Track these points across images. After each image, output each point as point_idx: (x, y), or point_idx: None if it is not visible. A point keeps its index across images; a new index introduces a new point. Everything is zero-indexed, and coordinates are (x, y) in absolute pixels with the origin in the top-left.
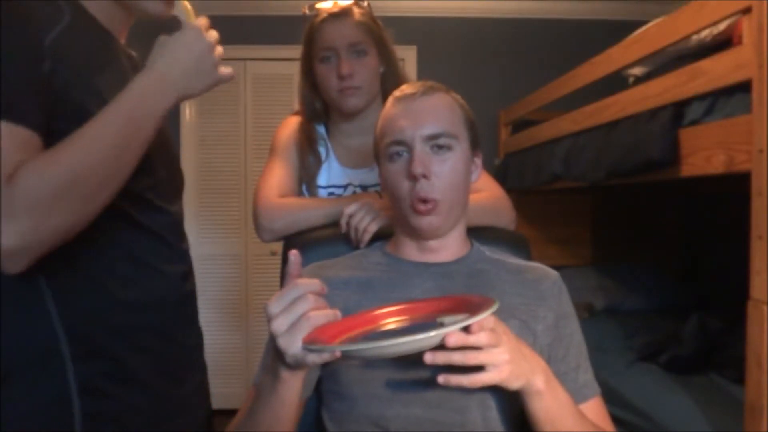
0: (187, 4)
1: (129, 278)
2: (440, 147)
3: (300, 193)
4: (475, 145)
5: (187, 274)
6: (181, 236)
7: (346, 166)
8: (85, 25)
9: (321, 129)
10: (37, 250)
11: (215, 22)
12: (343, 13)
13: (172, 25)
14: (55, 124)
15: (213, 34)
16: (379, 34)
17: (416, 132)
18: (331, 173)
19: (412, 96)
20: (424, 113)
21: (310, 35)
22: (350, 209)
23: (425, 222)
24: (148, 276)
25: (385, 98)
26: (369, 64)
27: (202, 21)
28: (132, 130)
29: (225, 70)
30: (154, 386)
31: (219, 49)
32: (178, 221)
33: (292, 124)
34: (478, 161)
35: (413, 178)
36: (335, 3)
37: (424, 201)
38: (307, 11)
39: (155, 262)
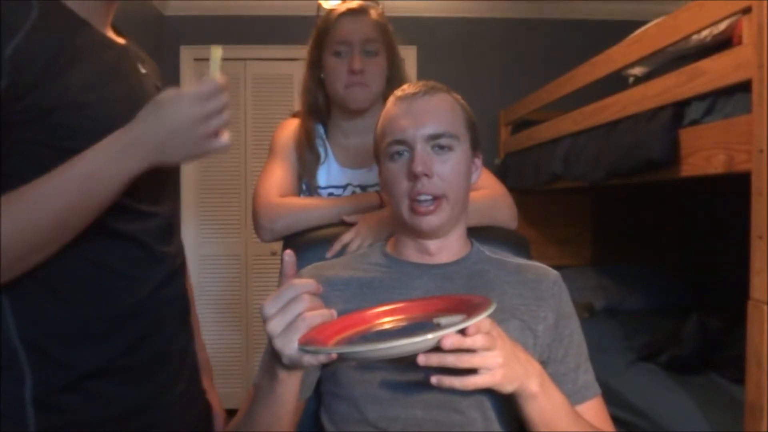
0: (218, 53)
1: (93, 286)
2: (441, 147)
3: (300, 191)
4: (475, 145)
5: (169, 278)
6: (166, 239)
7: (345, 167)
8: (56, 18)
9: (320, 129)
10: None
11: (215, 22)
12: (362, 11)
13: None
14: (20, 132)
15: (216, 103)
16: (390, 38)
17: (417, 132)
18: (330, 173)
19: (414, 96)
20: (426, 113)
21: (325, 27)
22: (346, 238)
23: (424, 222)
24: (116, 283)
25: (386, 101)
26: (379, 64)
27: (209, 85)
28: (84, 198)
29: (219, 141)
30: (120, 399)
31: (219, 119)
32: (160, 224)
33: (290, 125)
34: (479, 162)
35: (414, 178)
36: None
37: (426, 197)
38: (323, 5)
39: (127, 268)
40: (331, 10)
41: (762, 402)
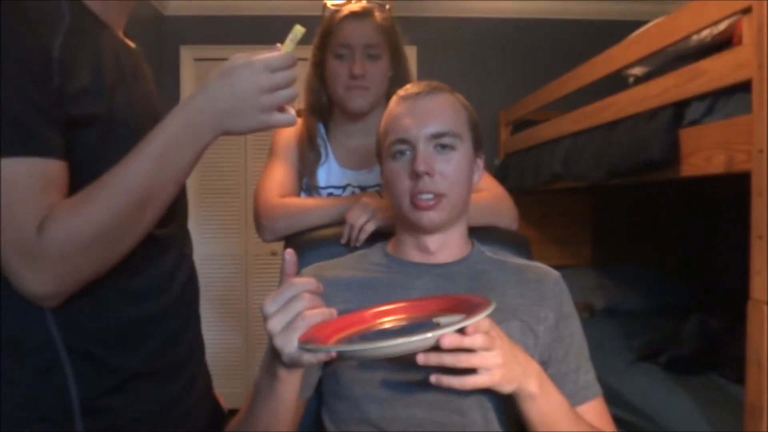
0: (300, 32)
1: (128, 289)
2: (444, 146)
3: (300, 189)
4: (477, 145)
5: (189, 277)
6: (185, 240)
7: (345, 167)
8: (85, 23)
9: (321, 128)
10: (68, 292)
11: (215, 22)
12: (365, 14)
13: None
14: (73, 137)
15: (285, 75)
16: (395, 40)
17: (420, 131)
18: (330, 173)
19: (417, 95)
20: (429, 112)
21: (328, 28)
22: (355, 219)
23: (425, 217)
24: (149, 285)
25: (389, 101)
26: (381, 67)
27: (282, 56)
28: (162, 177)
29: (283, 116)
30: (157, 396)
31: (286, 93)
32: (179, 228)
33: None
34: (481, 162)
35: (416, 176)
36: (357, 0)
37: (428, 195)
38: (329, 5)
39: (157, 271)
40: (335, 12)
41: (762, 402)
